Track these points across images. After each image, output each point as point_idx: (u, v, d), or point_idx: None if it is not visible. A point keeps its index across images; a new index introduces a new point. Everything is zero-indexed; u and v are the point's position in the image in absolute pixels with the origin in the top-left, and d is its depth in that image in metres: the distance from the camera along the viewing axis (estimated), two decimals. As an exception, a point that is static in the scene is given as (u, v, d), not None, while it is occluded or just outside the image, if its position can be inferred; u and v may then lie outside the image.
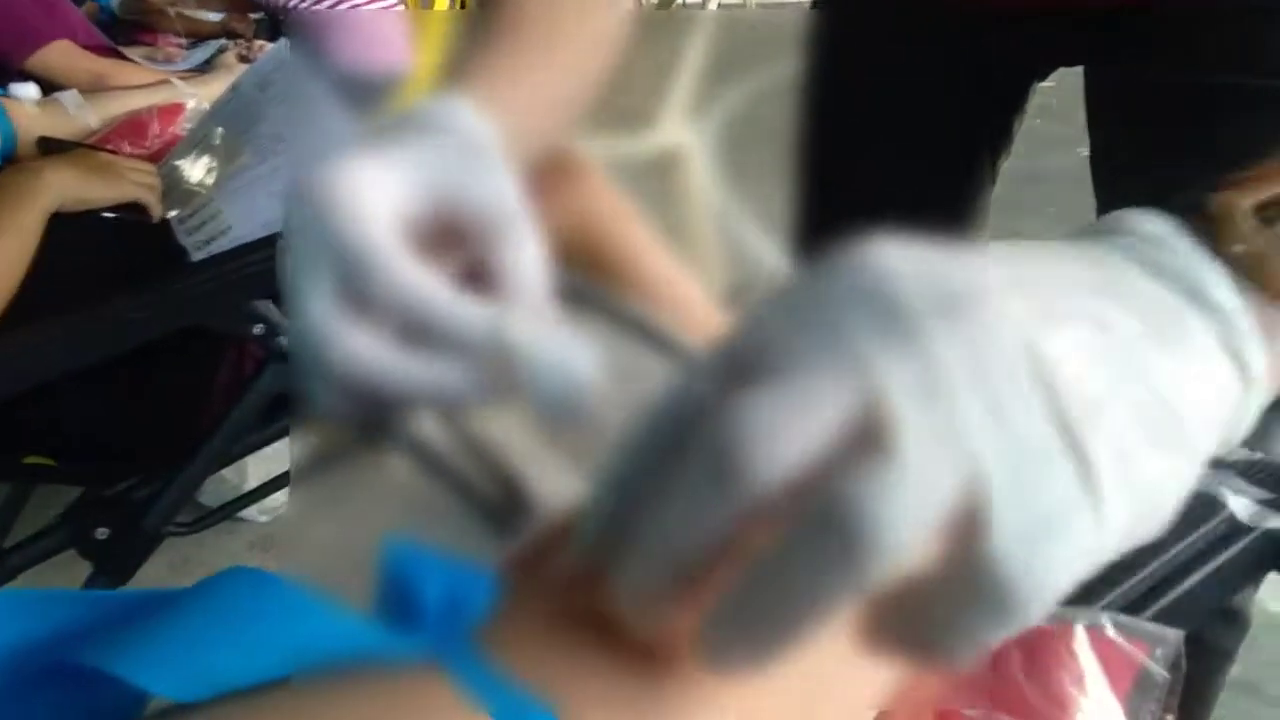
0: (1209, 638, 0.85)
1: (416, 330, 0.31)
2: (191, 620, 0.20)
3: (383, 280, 0.30)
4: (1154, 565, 0.47)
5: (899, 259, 0.20)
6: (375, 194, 0.31)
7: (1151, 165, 0.70)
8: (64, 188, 0.97)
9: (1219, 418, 0.23)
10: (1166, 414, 0.21)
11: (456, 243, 0.34)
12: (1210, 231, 0.24)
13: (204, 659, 0.19)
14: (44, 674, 0.21)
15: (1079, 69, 0.79)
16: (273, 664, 0.20)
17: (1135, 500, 0.21)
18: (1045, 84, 0.85)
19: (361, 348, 0.30)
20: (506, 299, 0.33)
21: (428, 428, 0.58)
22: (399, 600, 0.23)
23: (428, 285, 0.31)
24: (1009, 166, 0.89)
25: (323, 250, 0.30)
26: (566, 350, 0.30)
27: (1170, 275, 0.24)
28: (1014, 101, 0.84)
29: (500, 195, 0.34)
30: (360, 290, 0.30)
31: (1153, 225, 0.25)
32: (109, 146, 1.29)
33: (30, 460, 0.97)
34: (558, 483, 0.42)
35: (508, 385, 0.31)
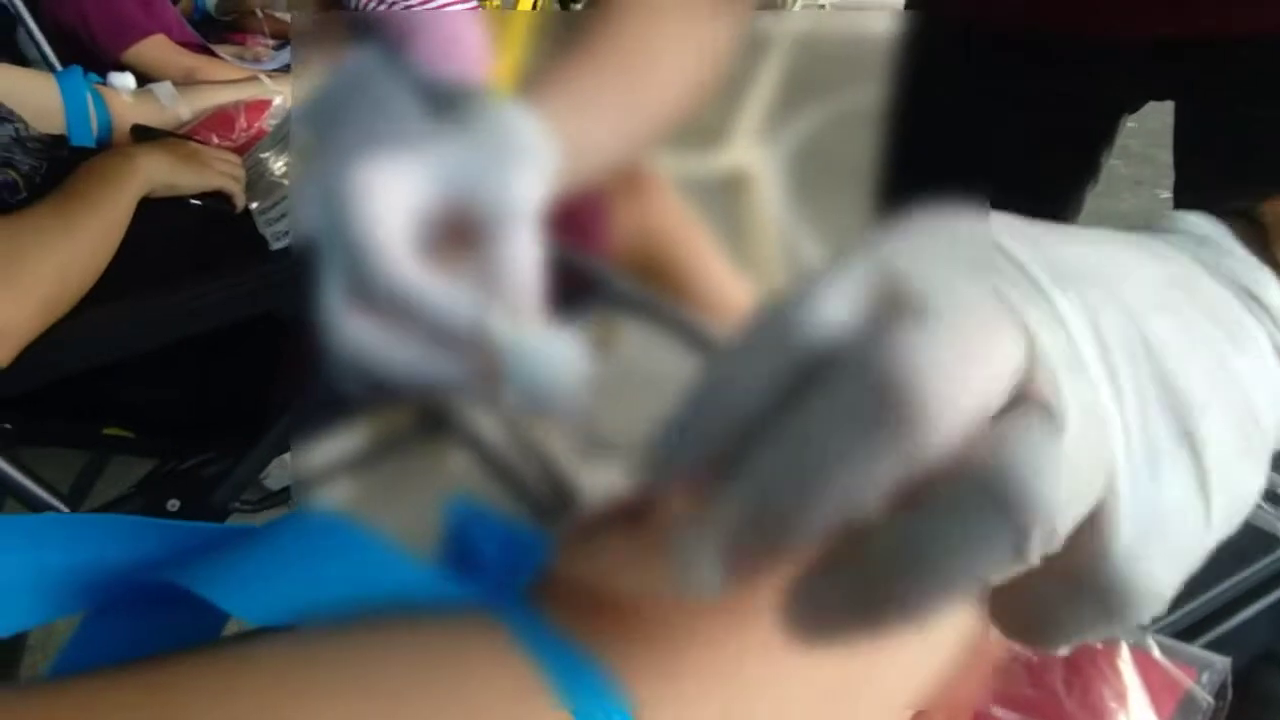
0: (1263, 688, 0.82)
1: (411, 319, 0.32)
2: (270, 553, 0.22)
3: (379, 271, 0.32)
4: (1207, 597, 0.47)
5: (1009, 228, 0.20)
6: (393, 190, 0.33)
7: (1236, 199, 0.69)
8: (155, 173, 1.01)
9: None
10: (1250, 416, 0.20)
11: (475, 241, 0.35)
12: (1259, 237, 0.24)
13: (280, 588, 0.21)
14: (135, 594, 0.23)
15: (1158, 108, 0.79)
16: (341, 598, 0.21)
17: (1229, 502, 0.20)
18: (1128, 124, 0.84)
19: (361, 334, 0.32)
20: (495, 293, 0.34)
21: (486, 426, 0.60)
22: (459, 553, 0.24)
23: (420, 277, 0.32)
24: (1086, 205, 0.88)
25: (336, 241, 0.32)
26: (547, 344, 0.32)
27: (1225, 275, 0.23)
28: (1105, 134, 0.83)
29: (505, 191, 0.34)
30: (360, 280, 0.32)
31: (1206, 226, 0.25)
32: (198, 137, 1.34)
33: (110, 431, 1.01)
34: (604, 486, 0.43)
35: (494, 375, 0.32)
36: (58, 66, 1.77)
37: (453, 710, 0.19)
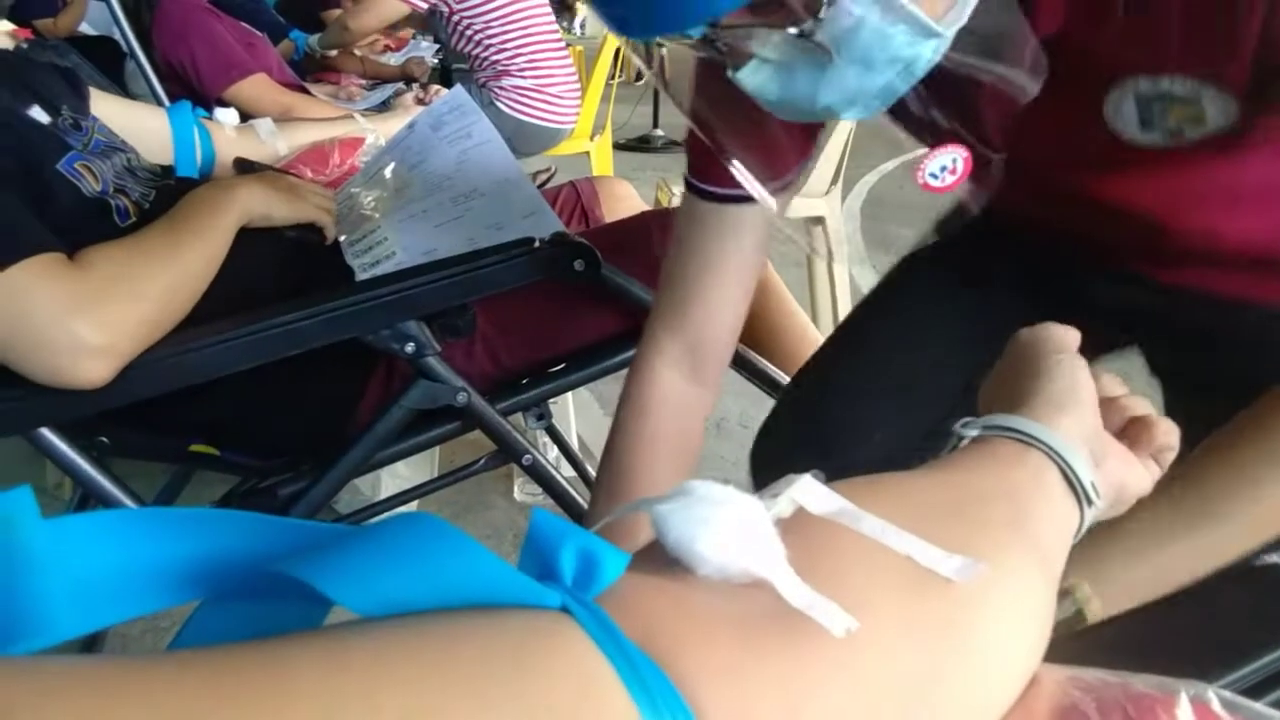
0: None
1: None
2: (376, 549, 0.24)
3: None
4: (1271, 657, 0.46)
5: None
6: None
7: None
8: (253, 204, 1.06)
9: None
10: None
11: None
12: None
13: (383, 582, 0.23)
14: (245, 584, 0.25)
15: None
16: (436, 592, 0.23)
17: None
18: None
19: None
20: None
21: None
22: (539, 561, 0.26)
23: None
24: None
25: None
26: None
27: None
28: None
29: None
30: None
31: None
32: (293, 171, 1.41)
33: (196, 448, 1.06)
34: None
35: None
36: (165, 101, 1.87)
37: (529, 697, 0.21)
